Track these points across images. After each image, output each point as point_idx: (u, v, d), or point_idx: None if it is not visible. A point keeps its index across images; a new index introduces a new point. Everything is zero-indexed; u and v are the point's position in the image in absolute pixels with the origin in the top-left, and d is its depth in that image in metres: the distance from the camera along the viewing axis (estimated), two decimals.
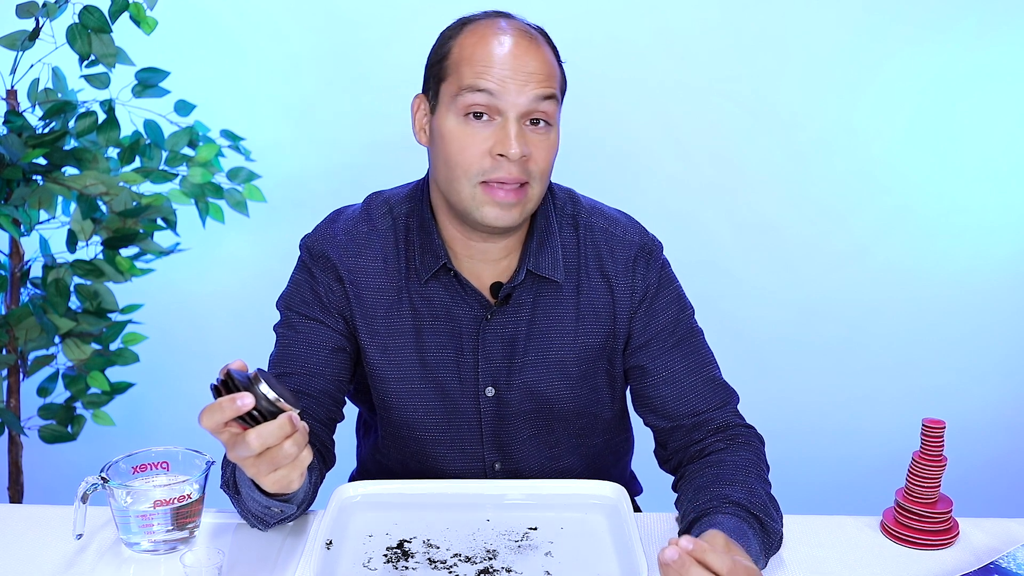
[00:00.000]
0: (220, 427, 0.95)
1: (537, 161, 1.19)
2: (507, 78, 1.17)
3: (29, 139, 1.79)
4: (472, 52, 1.19)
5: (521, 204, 1.20)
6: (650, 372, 1.30)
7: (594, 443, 1.36)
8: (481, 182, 1.19)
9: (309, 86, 2.16)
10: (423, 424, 1.31)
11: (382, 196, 1.34)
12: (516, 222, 1.21)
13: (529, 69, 1.17)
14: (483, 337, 1.28)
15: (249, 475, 0.99)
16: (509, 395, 1.30)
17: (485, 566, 1.09)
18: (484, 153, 1.18)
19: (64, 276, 1.86)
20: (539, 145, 1.19)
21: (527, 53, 1.18)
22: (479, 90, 1.17)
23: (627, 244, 1.31)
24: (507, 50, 1.17)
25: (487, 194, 1.19)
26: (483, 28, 1.20)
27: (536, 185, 1.21)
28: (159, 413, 2.22)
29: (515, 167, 1.18)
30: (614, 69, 2.15)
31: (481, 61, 1.18)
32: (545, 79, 1.18)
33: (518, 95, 1.17)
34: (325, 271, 1.29)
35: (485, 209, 1.19)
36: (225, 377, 0.95)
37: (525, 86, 1.17)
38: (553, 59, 1.22)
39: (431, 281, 1.27)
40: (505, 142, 1.17)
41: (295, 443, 0.96)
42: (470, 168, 1.18)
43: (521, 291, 1.28)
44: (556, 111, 1.21)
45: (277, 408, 0.95)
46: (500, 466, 1.32)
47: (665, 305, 1.30)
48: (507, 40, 1.18)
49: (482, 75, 1.17)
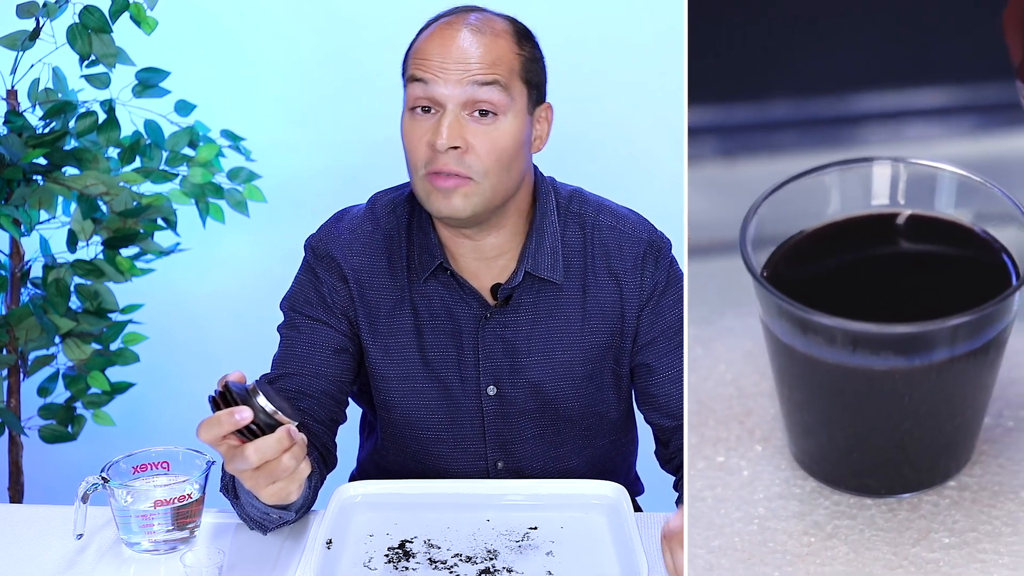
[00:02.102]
0: (218, 440, 0.95)
1: (479, 154, 1.17)
2: (444, 67, 1.17)
3: (29, 139, 1.79)
4: (418, 46, 1.20)
5: (463, 194, 1.18)
6: (655, 370, 1.30)
7: (600, 444, 1.36)
8: (425, 174, 1.19)
9: (309, 86, 2.16)
10: (425, 423, 1.31)
11: (386, 196, 1.34)
12: (463, 212, 1.19)
13: (468, 58, 1.17)
14: (483, 336, 1.27)
15: (247, 487, 0.99)
16: (513, 394, 1.29)
17: (486, 566, 1.09)
18: (425, 145, 1.18)
19: (64, 276, 1.85)
20: (482, 136, 1.18)
21: (472, 44, 1.17)
22: (416, 80, 1.18)
23: (636, 241, 1.30)
24: (449, 42, 1.18)
25: (430, 182, 1.19)
26: (440, 23, 1.21)
27: (482, 179, 1.18)
28: (159, 413, 2.21)
29: (450, 159, 1.17)
30: (614, 68, 2.15)
31: (422, 53, 1.19)
32: (487, 67, 1.17)
33: (454, 85, 1.17)
34: (329, 271, 1.29)
35: (431, 199, 1.20)
36: (223, 389, 0.96)
37: (463, 75, 1.16)
38: (510, 47, 1.19)
39: (430, 280, 1.27)
40: (436, 133, 1.17)
41: (293, 456, 0.96)
42: (417, 161, 1.19)
43: (521, 292, 1.28)
44: (505, 98, 1.18)
45: (275, 421, 0.95)
46: (503, 465, 1.32)
47: (672, 303, 1.30)
48: (452, 32, 1.18)
49: (420, 66, 1.18)
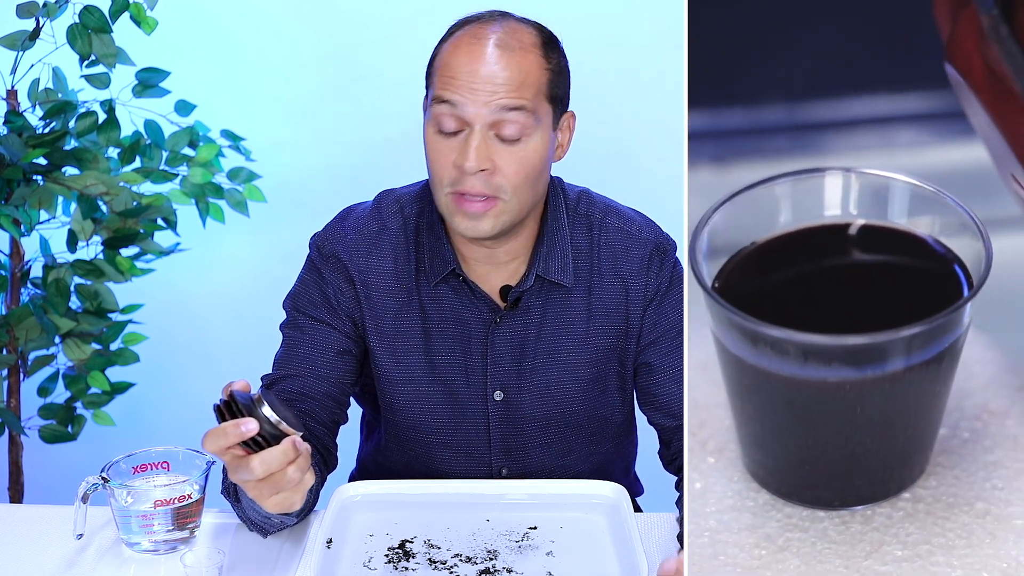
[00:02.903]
0: (223, 451, 0.95)
1: (506, 175, 1.17)
2: (472, 89, 1.15)
3: (29, 139, 1.79)
4: (446, 62, 1.18)
5: (493, 216, 1.18)
6: (657, 369, 1.30)
7: (604, 449, 1.36)
8: (450, 192, 1.18)
9: (309, 86, 2.16)
10: (429, 427, 1.30)
11: (393, 194, 1.33)
12: (490, 233, 1.19)
13: (498, 81, 1.15)
14: (492, 341, 1.27)
15: (251, 496, 0.99)
16: (520, 399, 1.29)
17: (486, 566, 1.09)
18: (451, 164, 1.17)
19: (64, 276, 1.85)
20: (509, 157, 1.17)
21: (498, 62, 1.15)
22: (444, 101, 1.16)
23: (642, 243, 1.30)
24: (476, 60, 1.16)
25: (456, 204, 1.18)
26: (466, 36, 1.18)
27: (510, 198, 1.18)
28: (159, 413, 2.21)
29: (478, 181, 1.16)
30: (614, 66, 2.15)
31: (449, 71, 1.17)
32: (513, 89, 1.15)
33: (482, 106, 1.15)
34: (335, 271, 1.28)
35: (456, 219, 1.19)
36: (228, 398, 0.96)
37: (490, 97, 1.15)
38: (538, 64, 1.18)
39: (440, 284, 1.27)
40: (463, 155, 1.16)
41: (298, 468, 0.96)
42: (442, 179, 1.18)
43: (530, 295, 1.27)
44: (531, 120, 1.17)
45: (280, 431, 0.95)
46: (508, 472, 1.32)
47: (676, 303, 1.30)
48: (479, 49, 1.16)
49: (447, 86, 1.16)
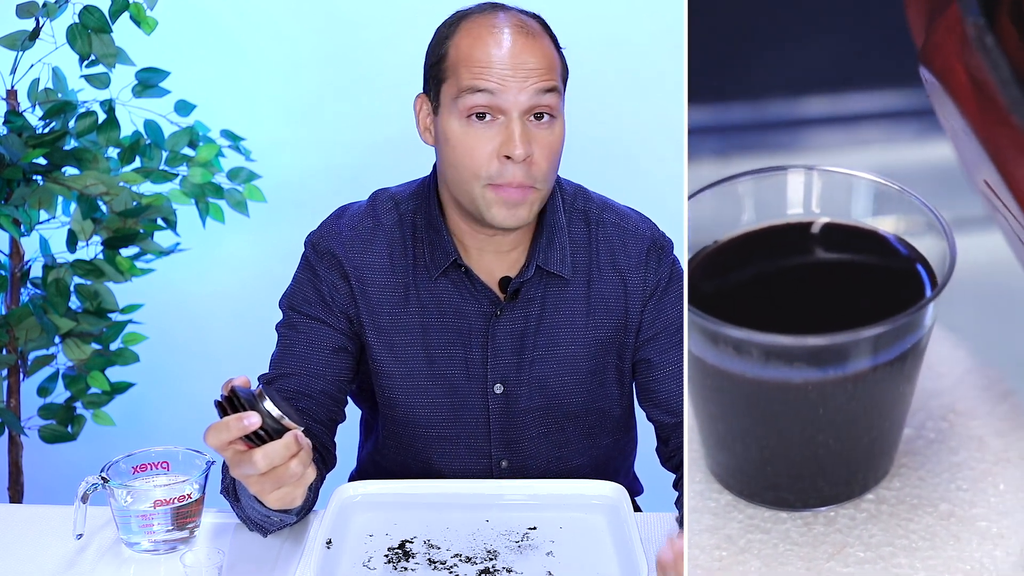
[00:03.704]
0: (225, 445, 0.95)
1: (539, 164, 1.19)
2: (507, 77, 1.16)
3: (29, 139, 1.79)
4: (469, 53, 1.18)
5: (528, 204, 1.20)
6: (656, 366, 1.30)
7: (603, 443, 1.36)
8: (488, 184, 1.19)
9: (309, 86, 2.16)
10: (429, 421, 1.30)
11: (387, 192, 1.33)
12: (525, 221, 1.22)
13: (529, 65, 1.17)
14: (492, 334, 1.27)
15: (252, 492, 0.99)
16: (519, 391, 1.29)
17: (486, 566, 1.09)
18: (491, 155, 1.18)
19: (64, 276, 1.85)
20: (543, 142, 1.19)
21: (525, 49, 1.17)
22: (479, 90, 1.17)
23: (639, 238, 1.31)
24: (505, 48, 1.17)
25: (496, 194, 1.19)
26: (478, 27, 1.19)
27: (543, 186, 1.21)
28: (159, 413, 2.21)
29: (519, 171, 1.18)
30: (614, 66, 2.15)
31: (479, 62, 1.17)
32: (546, 72, 1.18)
33: (519, 92, 1.17)
34: (330, 269, 1.29)
35: (494, 210, 1.20)
36: (229, 394, 0.96)
37: (525, 82, 1.17)
38: (552, 49, 1.21)
39: (440, 278, 1.27)
40: (509, 143, 1.17)
41: (300, 462, 0.97)
42: (478, 171, 1.18)
43: (530, 286, 1.28)
44: (559, 102, 1.20)
45: (281, 426, 0.95)
46: (507, 464, 1.32)
47: (675, 300, 1.31)
48: (504, 37, 1.18)
49: (480, 76, 1.17)
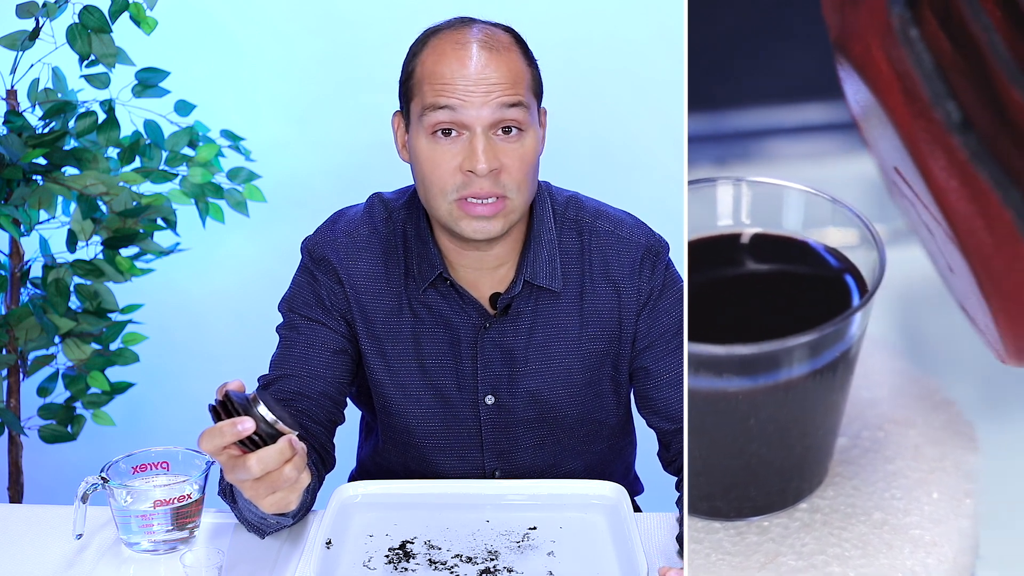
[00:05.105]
0: (219, 450, 0.95)
1: (511, 172, 1.18)
2: (469, 92, 1.16)
3: (29, 139, 1.79)
4: (433, 70, 1.18)
5: (502, 215, 1.19)
6: (653, 374, 1.29)
7: (597, 449, 1.36)
8: (456, 199, 1.18)
9: (309, 86, 2.16)
10: (422, 430, 1.31)
11: (384, 198, 1.33)
12: (499, 232, 1.20)
13: (492, 80, 1.16)
14: (481, 346, 1.27)
15: (247, 496, 0.99)
16: (512, 403, 1.29)
17: (486, 566, 1.09)
18: (455, 170, 1.17)
19: (64, 276, 1.85)
20: (511, 155, 1.18)
21: (489, 64, 1.17)
22: (442, 107, 1.17)
23: (633, 246, 1.30)
24: (467, 64, 1.17)
25: (462, 210, 1.19)
26: (443, 43, 1.19)
27: (515, 195, 1.19)
28: (159, 413, 2.21)
29: (487, 182, 1.17)
30: (612, 66, 2.15)
31: (441, 78, 1.17)
32: (510, 87, 1.17)
33: (481, 107, 1.16)
34: (326, 274, 1.29)
35: (463, 224, 1.19)
36: (224, 398, 0.96)
37: (488, 96, 1.16)
38: (521, 62, 1.20)
39: (429, 289, 1.27)
40: (472, 157, 1.16)
41: (295, 467, 0.97)
42: (444, 186, 1.18)
43: (520, 301, 1.27)
44: (527, 116, 1.19)
45: (276, 431, 0.95)
46: (500, 474, 1.32)
47: (669, 306, 1.30)
48: (466, 53, 1.17)
49: (442, 92, 1.17)
